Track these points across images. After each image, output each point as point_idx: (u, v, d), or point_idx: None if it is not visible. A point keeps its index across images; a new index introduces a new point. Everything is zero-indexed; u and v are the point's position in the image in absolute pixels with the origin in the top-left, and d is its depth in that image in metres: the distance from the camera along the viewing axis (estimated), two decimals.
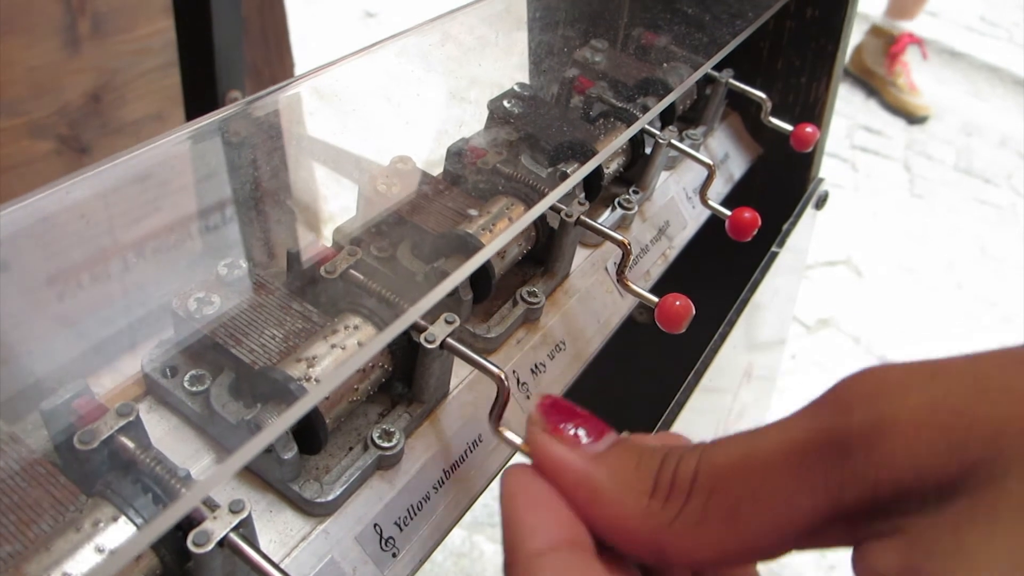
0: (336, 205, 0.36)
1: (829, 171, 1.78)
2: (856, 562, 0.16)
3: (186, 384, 0.27)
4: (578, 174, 0.31)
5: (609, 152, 0.34)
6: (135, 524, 0.20)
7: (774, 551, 0.17)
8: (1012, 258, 1.61)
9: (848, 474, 0.15)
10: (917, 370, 0.16)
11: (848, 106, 1.98)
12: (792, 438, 0.16)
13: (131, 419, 0.22)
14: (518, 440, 0.23)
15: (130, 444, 0.22)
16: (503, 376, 0.26)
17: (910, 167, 1.82)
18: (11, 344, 0.24)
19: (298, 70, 1.32)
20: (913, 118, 1.93)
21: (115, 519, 0.20)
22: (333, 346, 0.26)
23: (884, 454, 0.15)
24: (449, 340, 0.27)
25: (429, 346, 0.26)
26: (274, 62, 1.23)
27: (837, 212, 1.70)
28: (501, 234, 0.28)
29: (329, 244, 0.34)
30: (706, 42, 0.43)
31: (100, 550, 0.19)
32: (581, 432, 0.19)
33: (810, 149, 0.45)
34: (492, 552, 1.08)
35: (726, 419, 0.48)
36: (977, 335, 1.45)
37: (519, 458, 0.21)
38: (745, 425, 0.60)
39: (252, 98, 0.32)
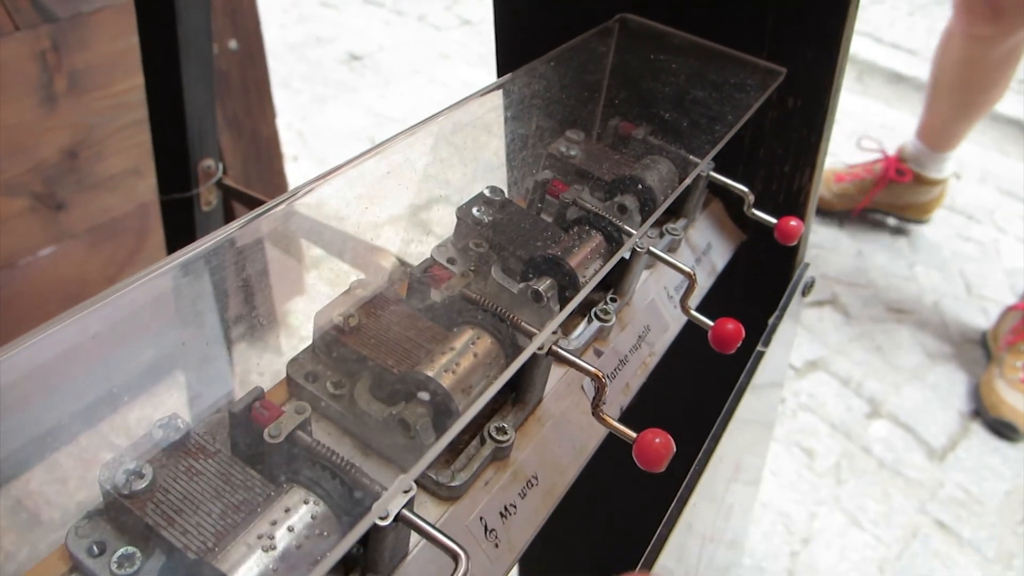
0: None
1: (809, 225, 1.78)
2: None
3: (113, 566, 0.24)
4: (554, 322, 0.29)
5: (594, 284, 0.32)
6: None
7: None
8: (997, 295, 1.61)
9: None
10: None
11: (831, 143, 2.00)
12: None
13: None
14: None
15: None
16: (464, 556, 0.23)
17: None
18: None
19: (281, 117, 1.31)
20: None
21: None
22: (276, 525, 0.23)
23: None
24: (405, 512, 0.24)
25: (381, 523, 0.24)
26: (255, 113, 1.21)
27: (823, 251, 1.69)
28: (474, 403, 0.26)
29: (283, 376, 0.32)
30: (689, 137, 0.42)
31: None
32: None
33: (795, 243, 0.44)
34: None
35: (713, 524, 0.46)
36: (966, 376, 1.44)
37: None
38: (732, 527, 0.58)
39: (233, 227, 0.30)
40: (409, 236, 0.37)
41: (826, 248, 1.73)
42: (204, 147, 0.71)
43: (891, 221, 1.76)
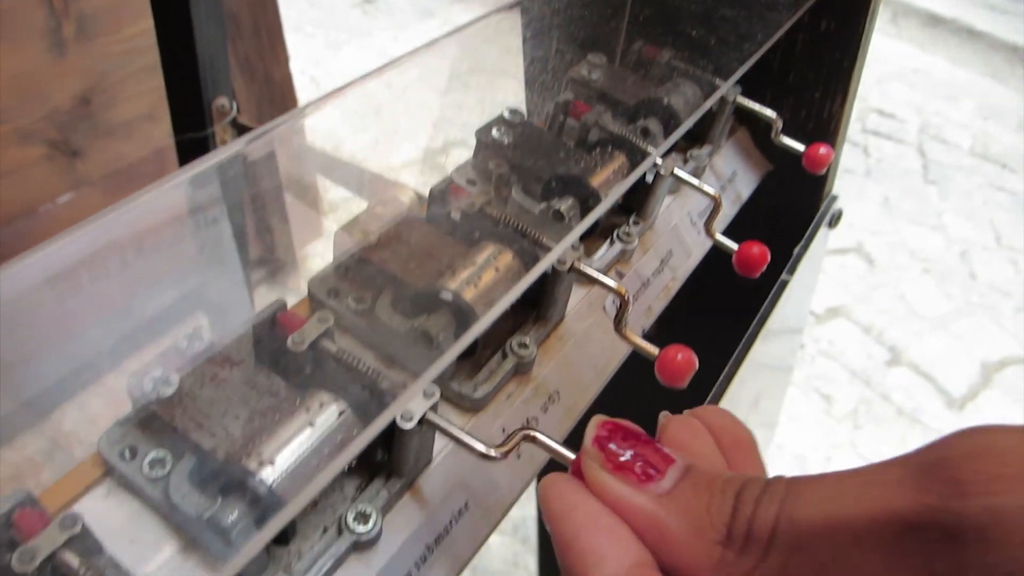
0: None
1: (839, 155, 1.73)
2: None
3: (145, 469, 0.25)
4: (578, 229, 0.28)
5: (613, 200, 0.32)
6: None
7: None
8: None
9: (957, 564, 0.14)
10: None
11: (860, 87, 1.93)
12: (891, 508, 0.15)
13: (75, 532, 0.20)
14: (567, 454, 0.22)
15: (75, 561, 0.20)
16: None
17: (924, 152, 1.78)
18: None
19: (294, 62, 1.28)
20: None
21: None
22: (301, 427, 0.24)
23: (1004, 553, 0.13)
24: (430, 415, 0.25)
25: (407, 425, 0.24)
26: (267, 56, 1.19)
27: (848, 198, 1.66)
28: (492, 309, 0.25)
29: (305, 294, 0.32)
30: (714, 60, 0.40)
31: None
32: (644, 464, 0.18)
33: (824, 171, 0.43)
34: (498, 544, 1.06)
35: None
36: (991, 327, 1.42)
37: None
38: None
39: (241, 141, 0.30)
40: (424, 164, 0.36)
41: (851, 195, 1.69)
42: (217, 85, 0.70)
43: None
